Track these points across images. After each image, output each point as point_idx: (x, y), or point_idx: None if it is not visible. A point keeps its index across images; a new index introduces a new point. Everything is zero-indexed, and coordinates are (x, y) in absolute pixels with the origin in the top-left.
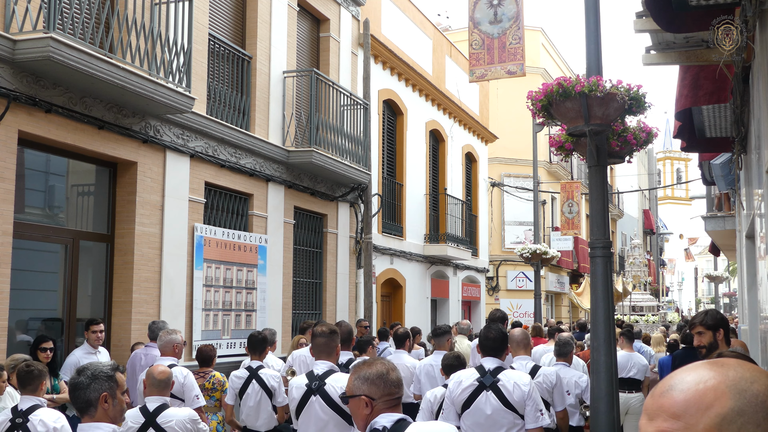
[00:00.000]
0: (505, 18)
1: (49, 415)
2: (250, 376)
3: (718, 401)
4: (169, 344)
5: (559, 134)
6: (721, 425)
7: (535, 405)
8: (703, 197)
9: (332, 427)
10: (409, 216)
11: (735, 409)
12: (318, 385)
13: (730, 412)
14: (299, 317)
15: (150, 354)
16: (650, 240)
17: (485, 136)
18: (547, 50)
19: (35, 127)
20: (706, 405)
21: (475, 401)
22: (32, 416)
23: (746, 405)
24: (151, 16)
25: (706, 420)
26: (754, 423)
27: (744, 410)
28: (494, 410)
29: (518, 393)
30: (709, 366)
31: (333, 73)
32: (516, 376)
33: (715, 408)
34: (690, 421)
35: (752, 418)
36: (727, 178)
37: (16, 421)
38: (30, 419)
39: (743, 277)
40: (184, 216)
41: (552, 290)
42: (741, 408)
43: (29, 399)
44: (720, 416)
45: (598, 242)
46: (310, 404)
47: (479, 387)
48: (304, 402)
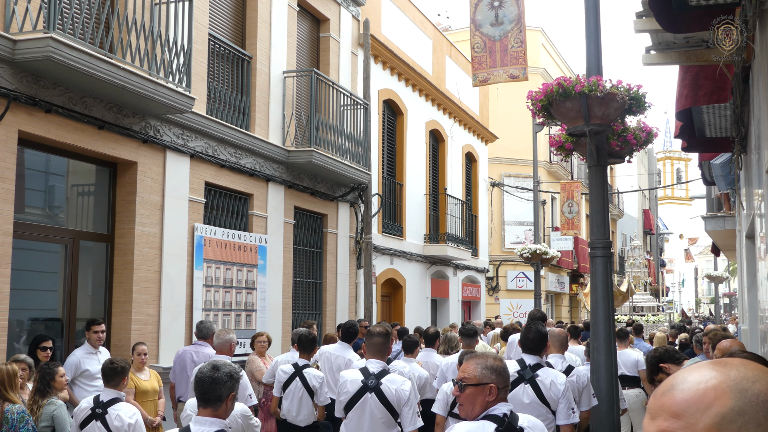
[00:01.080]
0: (506, 20)
1: (126, 410)
2: (295, 374)
3: (718, 401)
4: (226, 343)
5: (559, 134)
6: (720, 425)
7: (568, 403)
8: (703, 197)
9: (382, 424)
10: (409, 216)
11: (735, 408)
12: (374, 383)
13: (730, 412)
14: (299, 317)
15: (200, 351)
16: (650, 240)
17: (485, 136)
18: (547, 50)
19: (35, 127)
20: (707, 404)
21: (512, 392)
22: (111, 409)
23: (747, 404)
24: (151, 16)
25: (705, 419)
26: (755, 422)
27: (744, 410)
28: (530, 401)
29: (554, 390)
30: (712, 366)
31: (333, 73)
32: (554, 374)
33: (715, 407)
34: (690, 420)
35: (753, 418)
36: (727, 178)
37: (96, 411)
38: (108, 412)
39: (743, 277)
40: (184, 216)
41: (552, 290)
42: (741, 407)
43: (111, 392)
44: (720, 415)
45: (598, 242)
46: (364, 400)
47: (518, 379)
48: (359, 397)
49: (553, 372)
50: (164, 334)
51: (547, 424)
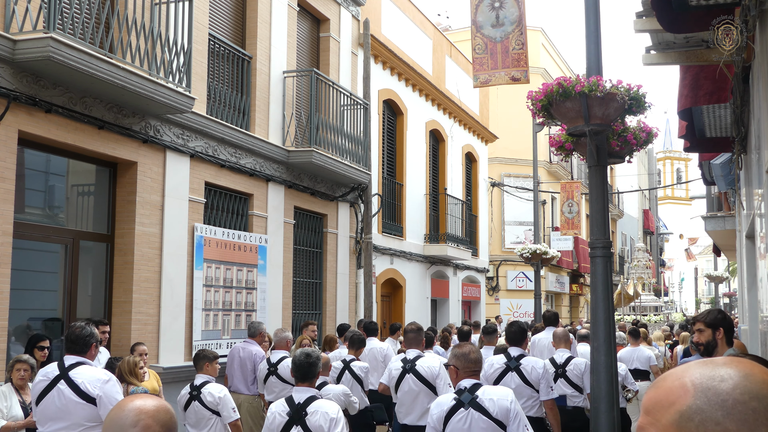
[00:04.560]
0: (507, 21)
1: (215, 388)
2: (344, 368)
3: (680, 399)
4: (282, 340)
5: (559, 134)
6: (679, 422)
7: (547, 383)
8: (703, 197)
9: (423, 396)
10: (409, 216)
11: (693, 406)
12: (411, 366)
13: (688, 410)
14: (299, 317)
15: (246, 348)
16: (650, 240)
17: (485, 136)
18: (547, 50)
19: (35, 127)
20: (670, 402)
21: (502, 379)
22: (203, 389)
23: (706, 403)
24: (151, 16)
25: (667, 416)
26: (713, 421)
27: (702, 408)
28: (517, 386)
29: (535, 374)
30: (693, 364)
31: (333, 73)
32: (534, 361)
33: (676, 405)
34: (656, 416)
35: (711, 416)
36: (727, 178)
37: (192, 393)
38: (201, 392)
39: (743, 277)
40: (184, 216)
41: (552, 290)
42: (699, 406)
43: (201, 377)
44: (679, 413)
45: (598, 242)
46: (405, 380)
47: (506, 369)
48: (401, 378)
49: (533, 359)
50: (164, 334)
51: (533, 402)
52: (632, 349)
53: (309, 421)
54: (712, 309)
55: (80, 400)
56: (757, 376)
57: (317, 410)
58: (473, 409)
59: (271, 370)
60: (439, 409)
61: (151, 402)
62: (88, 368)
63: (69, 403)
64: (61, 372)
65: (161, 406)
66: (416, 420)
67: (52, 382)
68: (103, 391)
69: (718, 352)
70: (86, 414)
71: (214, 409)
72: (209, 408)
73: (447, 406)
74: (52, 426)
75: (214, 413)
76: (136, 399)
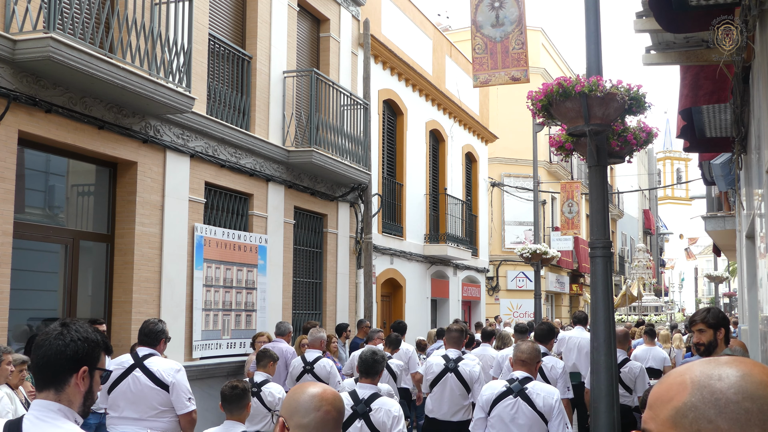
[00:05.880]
0: (507, 21)
1: (276, 388)
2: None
3: (678, 395)
4: (317, 340)
5: (559, 134)
6: (675, 418)
7: (564, 383)
8: (703, 197)
9: (458, 396)
10: (409, 216)
11: (688, 403)
12: (453, 366)
13: (683, 407)
14: (299, 317)
15: (276, 347)
16: (650, 240)
17: (485, 136)
18: (547, 50)
19: (35, 127)
20: (669, 397)
21: None
22: (264, 388)
23: (700, 401)
24: (151, 16)
25: (665, 412)
26: (706, 419)
27: (697, 405)
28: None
29: (554, 372)
30: (699, 362)
31: (333, 73)
32: (554, 360)
33: (673, 401)
34: (656, 411)
35: (704, 414)
36: (727, 178)
37: (253, 390)
38: (262, 390)
39: (743, 277)
40: (184, 216)
41: (552, 290)
42: (694, 403)
43: (261, 374)
44: (675, 409)
45: (598, 242)
46: (445, 378)
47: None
48: (441, 376)
49: (554, 359)
50: None
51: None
52: (647, 348)
53: (373, 417)
54: (711, 308)
55: (155, 386)
56: (756, 377)
57: (381, 407)
58: (521, 399)
59: (306, 368)
60: (490, 392)
61: (329, 391)
62: (161, 359)
63: (144, 388)
64: (136, 361)
65: (336, 395)
66: (447, 416)
67: (126, 370)
68: (175, 378)
69: (717, 352)
70: (160, 399)
71: (271, 408)
72: (267, 407)
73: (497, 391)
74: (126, 410)
75: (269, 411)
76: (313, 386)
